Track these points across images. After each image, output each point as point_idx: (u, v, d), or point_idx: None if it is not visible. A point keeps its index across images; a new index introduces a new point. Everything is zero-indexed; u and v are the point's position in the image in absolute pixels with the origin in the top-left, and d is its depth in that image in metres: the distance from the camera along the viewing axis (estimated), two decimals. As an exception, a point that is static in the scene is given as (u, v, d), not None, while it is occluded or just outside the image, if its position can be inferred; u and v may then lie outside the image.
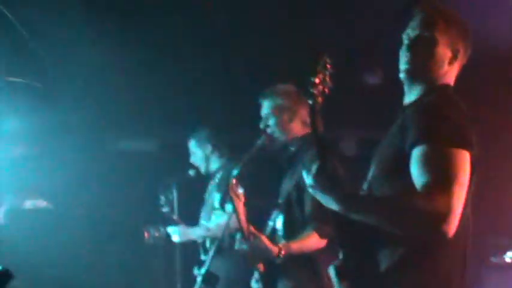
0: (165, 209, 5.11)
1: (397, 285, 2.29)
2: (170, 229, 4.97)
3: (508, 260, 4.84)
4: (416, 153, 2.18)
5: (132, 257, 5.84)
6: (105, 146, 6.32)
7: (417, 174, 2.17)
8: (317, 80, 2.34)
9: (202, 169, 5.06)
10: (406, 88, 2.47)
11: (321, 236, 3.45)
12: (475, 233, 2.43)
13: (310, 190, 2.31)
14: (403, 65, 2.44)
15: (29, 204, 5.42)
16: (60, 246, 5.16)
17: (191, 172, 5.16)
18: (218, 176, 4.83)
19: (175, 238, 4.93)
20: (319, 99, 2.34)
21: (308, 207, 3.52)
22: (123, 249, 5.75)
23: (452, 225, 2.09)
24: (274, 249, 3.44)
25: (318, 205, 3.09)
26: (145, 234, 5.71)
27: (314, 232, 3.46)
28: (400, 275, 2.28)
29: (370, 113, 5.35)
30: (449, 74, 2.43)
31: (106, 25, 4.47)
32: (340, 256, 2.46)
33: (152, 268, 5.96)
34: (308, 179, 2.29)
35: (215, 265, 4.29)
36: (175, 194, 5.29)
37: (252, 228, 3.53)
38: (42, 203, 5.45)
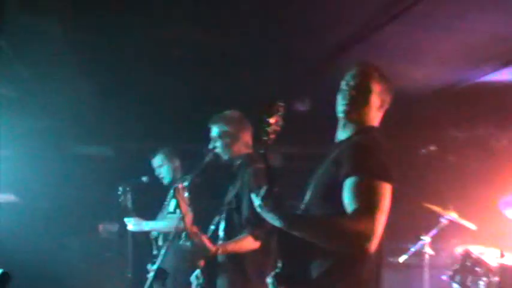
0: (121, 199, 5.37)
1: None
2: (126, 219, 5.22)
3: (400, 261, 5.29)
4: (348, 183, 2.41)
5: (89, 249, 6.25)
6: (68, 149, 6.63)
7: (348, 201, 2.39)
8: (272, 121, 2.55)
9: (166, 180, 5.40)
10: (340, 125, 2.73)
11: (255, 238, 3.74)
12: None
13: (258, 210, 2.50)
14: (341, 107, 2.68)
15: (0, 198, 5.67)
16: (26, 235, 5.56)
17: (144, 179, 5.53)
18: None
19: (130, 227, 5.19)
20: (272, 136, 2.56)
21: (245, 214, 3.79)
22: (81, 241, 6.18)
23: (374, 244, 2.32)
24: (212, 248, 3.70)
25: (253, 213, 3.46)
26: (100, 228, 6.27)
27: (249, 235, 3.74)
28: (328, 282, 2.51)
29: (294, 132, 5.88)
30: (377, 118, 2.71)
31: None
32: (279, 265, 2.68)
33: (106, 259, 6.32)
34: (257, 201, 2.50)
35: (166, 261, 4.42)
36: (129, 197, 5.56)
37: (195, 228, 3.76)
38: (11, 197, 5.79)
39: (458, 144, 6.13)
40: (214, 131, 4.10)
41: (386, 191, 2.40)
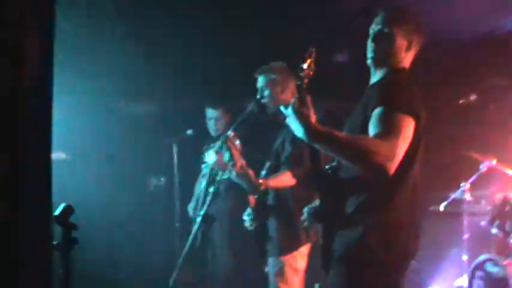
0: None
1: (362, 223, 2.64)
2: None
3: (441, 208, 5.44)
4: (374, 113, 2.55)
5: (138, 201, 6.49)
6: (117, 108, 6.83)
7: (372, 127, 2.53)
8: (305, 66, 2.62)
9: (218, 132, 5.48)
10: (372, 71, 2.84)
11: (293, 175, 3.92)
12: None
13: (287, 120, 2.59)
14: (369, 54, 2.80)
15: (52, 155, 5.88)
16: (77, 190, 5.47)
17: (189, 132, 5.76)
18: None
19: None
20: (306, 81, 2.62)
21: (287, 153, 3.99)
22: (131, 194, 6.39)
23: (393, 166, 2.43)
24: (255, 181, 3.91)
25: (295, 153, 3.87)
26: (148, 183, 6.49)
27: (288, 171, 3.94)
28: (363, 215, 2.64)
29: (336, 87, 5.85)
30: (406, 59, 2.79)
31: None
32: (317, 202, 2.90)
33: (154, 210, 6.56)
34: (287, 110, 2.59)
35: (212, 207, 4.48)
36: (175, 149, 5.87)
37: (243, 162, 3.94)
38: (62, 155, 5.93)
39: (498, 92, 6.08)
40: (261, 81, 4.22)
41: (408, 123, 2.53)
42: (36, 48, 1.73)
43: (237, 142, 4.05)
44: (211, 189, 4.47)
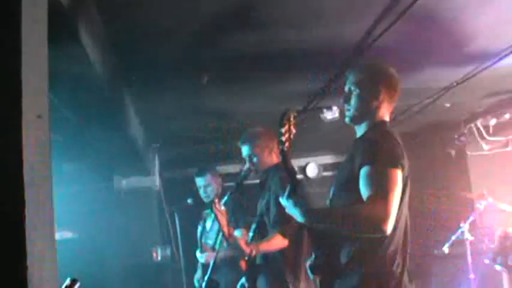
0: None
1: (356, 272, 2.70)
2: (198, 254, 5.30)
3: (446, 250, 5.50)
4: (362, 173, 2.62)
5: (145, 273, 6.52)
6: (116, 184, 6.95)
7: (363, 189, 2.60)
8: (283, 130, 2.73)
9: (210, 198, 5.44)
10: (356, 127, 2.96)
11: (283, 236, 3.96)
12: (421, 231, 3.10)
13: (285, 209, 2.79)
14: (345, 113, 2.93)
15: (57, 235, 5.95)
16: (85, 268, 5.81)
17: (189, 200, 5.63)
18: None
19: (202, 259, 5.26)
20: (287, 144, 2.74)
21: (273, 215, 4.03)
22: (139, 266, 6.45)
23: (390, 225, 2.51)
24: (247, 248, 3.94)
25: (280, 213, 3.78)
26: (154, 254, 6.54)
27: (277, 234, 3.97)
28: (357, 265, 2.71)
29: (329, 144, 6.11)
30: (382, 113, 2.89)
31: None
32: (313, 256, 2.91)
33: (163, 280, 6.61)
34: (283, 201, 2.78)
35: (216, 271, 4.49)
36: (177, 219, 5.81)
37: (232, 232, 4.05)
38: (68, 234, 6.06)
39: (487, 132, 6.24)
40: (246, 150, 4.32)
41: (394, 175, 2.60)
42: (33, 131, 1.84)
43: (222, 207, 4.16)
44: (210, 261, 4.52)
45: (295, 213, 2.73)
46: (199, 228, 5.42)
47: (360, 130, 2.93)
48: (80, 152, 6.03)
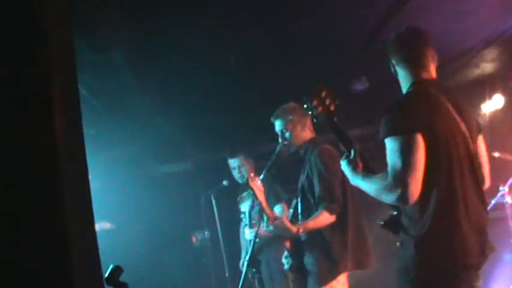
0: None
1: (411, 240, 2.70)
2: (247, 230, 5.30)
3: None
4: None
5: (186, 258, 6.63)
6: (151, 170, 7.05)
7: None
8: (315, 102, 2.97)
9: (244, 179, 5.41)
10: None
11: (330, 213, 3.95)
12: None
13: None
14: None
15: (96, 227, 6.02)
16: (125, 257, 5.90)
17: (224, 182, 5.88)
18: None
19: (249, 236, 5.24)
20: (325, 113, 3.00)
21: (317, 192, 4.01)
22: (178, 253, 6.56)
23: (409, 194, 2.55)
24: (293, 228, 3.93)
25: (324, 189, 3.97)
26: (193, 239, 6.60)
27: (324, 211, 3.94)
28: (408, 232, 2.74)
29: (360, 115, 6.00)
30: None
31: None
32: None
33: (203, 264, 6.67)
34: (343, 163, 2.98)
35: (257, 250, 4.57)
36: (214, 201, 5.98)
37: (274, 213, 4.02)
38: (107, 225, 6.18)
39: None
40: (279, 124, 4.34)
41: (408, 142, 2.58)
42: (65, 127, 1.85)
43: (259, 182, 4.16)
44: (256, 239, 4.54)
45: (348, 174, 2.95)
46: (247, 208, 5.34)
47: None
48: (113, 142, 6.13)
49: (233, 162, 5.72)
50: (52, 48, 1.86)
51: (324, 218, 3.98)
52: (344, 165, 2.98)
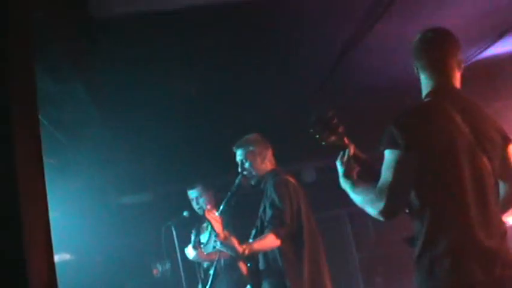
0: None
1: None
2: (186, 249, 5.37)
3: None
4: None
5: None
6: (110, 202, 7.00)
7: None
8: (340, 130, 2.80)
9: (204, 208, 5.44)
10: None
11: (276, 236, 4.00)
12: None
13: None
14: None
15: (56, 258, 5.95)
16: (87, 287, 5.77)
17: (185, 213, 5.73)
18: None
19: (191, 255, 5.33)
20: (336, 140, 2.81)
21: (268, 216, 4.09)
22: (139, 284, 6.49)
23: (387, 207, 2.52)
24: (239, 248, 3.93)
25: (274, 214, 4.04)
26: (154, 271, 6.55)
27: (270, 233, 4.01)
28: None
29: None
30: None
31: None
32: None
33: None
34: (337, 163, 2.88)
35: (215, 281, 4.58)
36: (174, 232, 5.83)
37: (226, 232, 4.00)
38: (66, 256, 6.12)
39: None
40: (239, 154, 4.37)
41: (390, 158, 2.55)
42: (25, 156, 1.86)
43: (216, 214, 4.15)
44: (210, 271, 4.60)
45: (339, 178, 2.87)
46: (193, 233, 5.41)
47: None
48: (74, 173, 6.06)
49: (192, 194, 5.75)
50: (14, 77, 1.88)
51: (269, 240, 4.02)
52: (337, 166, 2.89)
